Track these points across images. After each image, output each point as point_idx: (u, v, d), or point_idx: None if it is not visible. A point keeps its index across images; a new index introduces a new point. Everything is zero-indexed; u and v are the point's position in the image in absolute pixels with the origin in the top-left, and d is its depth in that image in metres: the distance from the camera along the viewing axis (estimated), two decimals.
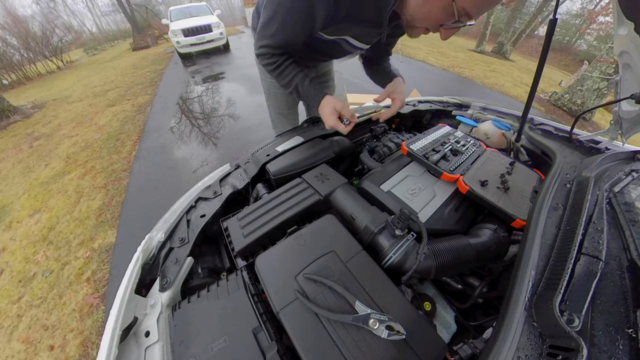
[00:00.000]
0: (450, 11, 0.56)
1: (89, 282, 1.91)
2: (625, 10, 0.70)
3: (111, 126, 4.25)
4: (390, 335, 0.46)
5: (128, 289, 0.60)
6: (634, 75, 0.81)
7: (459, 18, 0.58)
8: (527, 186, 0.85)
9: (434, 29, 0.65)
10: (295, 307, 0.52)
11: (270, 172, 0.91)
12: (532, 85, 0.95)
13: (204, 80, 5.93)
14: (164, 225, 0.79)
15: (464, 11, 0.56)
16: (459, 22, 0.59)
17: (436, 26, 0.63)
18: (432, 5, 0.58)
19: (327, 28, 0.82)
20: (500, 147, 1.17)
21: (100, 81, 7.16)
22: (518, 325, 0.46)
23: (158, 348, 0.55)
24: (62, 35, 11.92)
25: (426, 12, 0.60)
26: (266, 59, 0.90)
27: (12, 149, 4.03)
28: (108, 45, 16.26)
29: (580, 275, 0.49)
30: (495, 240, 0.71)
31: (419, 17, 0.64)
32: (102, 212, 2.51)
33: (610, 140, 0.97)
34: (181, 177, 2.87)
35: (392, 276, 0.58)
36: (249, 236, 0.70)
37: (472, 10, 0.56)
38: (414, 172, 0.92)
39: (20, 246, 2.28)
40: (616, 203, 0.65)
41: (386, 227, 0.67)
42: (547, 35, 0.86)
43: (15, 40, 9.94)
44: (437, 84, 5.59)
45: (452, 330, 0.69)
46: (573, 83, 5.27)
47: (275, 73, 0.92)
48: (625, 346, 0.40)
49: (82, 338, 1.61)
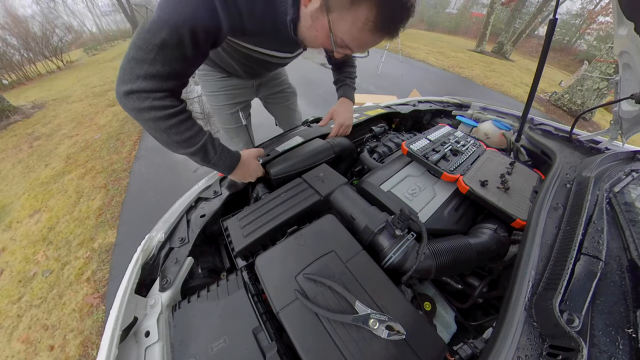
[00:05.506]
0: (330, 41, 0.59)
1: (89, 282, 1.91)
2: (625, 10, 0.70)
3: (111, 126, 4.24)
4: (390, 335, 0.46)
5: (128, 289, 0.60)
6: (634, 75, 0.81)
7: (338, 49, 0.61)
8: (527, 186, 0.85)
9: (327, 49, 0.67)
10: (295, 307, 0.52)
11: (270, 172, 0.91)
12: (532, 85, 0.95)
13: None
14: (164, 225, 0.79)
15: (342, 42, 0.59)
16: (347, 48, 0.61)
17: (327, 48, 0.64)
18: (317, 31, 0.59)
19: (239, 38, 0.73)
20: (500, 147, 1.17)
21: (100, 81, 7.16)
22: (518, 325, 0.46)
23: (158, 348, 0.55)
24: (62, 35, 11.90)
25: (313, 36, 0.62)
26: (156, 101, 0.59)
27: (12, 149, 4.03)
28: (108, 45, 16.25)
29: (580, 275, 0.49)
30: (495, 240, 0.71)
31: (308, 39, 0.65)
32: (102, 212, 2.51)
33: (610, 140, 0.97)
34: (181, 177, 2.87)
35: (392, 276, 0.58)
36: (249, 236, 0.70)
37: (350, 44, 0.59)
38: (414, 172, 0.92)
39: (20, 246, 2.28)
40: (616, 203, 0.65)
41: (386, 227, 0.67)
42: (547, 35, 0.86)
43: (15, 40, 9.92)
44: (437, 84, 5.60)
45: (452, 330, 0.69)
46: (573, 83, 5.28)
47: (170, 122, 0.62)
48: (625, 346, 0.40)
49: (82, 338, 1.61)
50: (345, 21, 0.55)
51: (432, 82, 5.64)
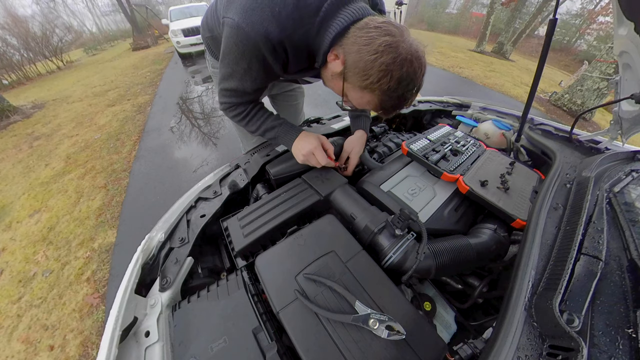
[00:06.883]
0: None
1: (89, 282, 1.91)
2: (625, 10, 0.70)
3: (111, 126, 4.24)
4: (390, 335, 0.46)
5: (128, 289, 0.60)
6: (634, 75, 0.81)
7: (345, 104, 0.75)
8: (527, 186, 0.85)
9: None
10: (295, 307, 0.52)
11: (271, 172, 0.91)
12: (532, 85, 0.95)
13: (204, 80, 5.92)
14: (164, 225, 0.80)
15: (348, 99, 0.71)
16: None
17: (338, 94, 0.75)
18: (334, 85, 0.72)
19: (283, 77, 0.84)
20: (500, 147, 1.17)
21: (100, 81, 7.16)
22: (518, 325, 0.46)
23: (158, 348, 0.55)
24: (62, 35, 11.91)
25: (331, 85, 0.75)
26: (232, 111, 0.87)
27: (12, 149, 4.03)
28: (108, 45, 16.25)
29: (580, 275, 0.49)
30: (495, 240, 0.71)
31: (327, 83, 0.78)
32: (102, 212, 2.51)
33: (610, 140, 0.97)
34: (181, 177, 2.87)
35: (392, 276, 0.58)
36: (249, 236, 0.70)
37: (355, 103, 0.70)
38: (414, 172, 0.92)
39: (20, 246, 2.28)
40: (616, 203, 0.65)
41: (386, 226, 0.67)
42: (547, 35, 0.86)
43: (15, 40, 9.93)
44: (437, 84, 5.59)
45: (452, 330, 0.69)
46: (573, 83, 5.28)
47: (244, 122, 0.89)
48: (625, 346, 0.40)
49: (82, 338, 1.61)
50: (355, 93, 0.67)
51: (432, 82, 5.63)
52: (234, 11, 0.65)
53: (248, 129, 0.90)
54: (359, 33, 0.59)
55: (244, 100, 0.85)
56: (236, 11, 0.65)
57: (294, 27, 0.64)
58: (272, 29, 0.63)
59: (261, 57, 0.68)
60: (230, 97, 0.84)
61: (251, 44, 0.66)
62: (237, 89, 0.80)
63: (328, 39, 0.64)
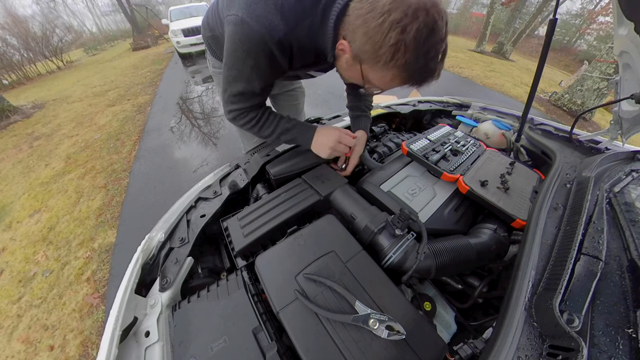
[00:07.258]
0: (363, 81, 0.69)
1: (89, 282, 1.91)
2: (625, 10, 0.70)
3: (111, 126, 4.24)
4: (390, 335, 0.46)
5: (128, 289, 0.60)
6: (634, 75, 0.81)
7: (368, 89, 0.71)
8: (527, 186, 0.85)
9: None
10: (295, 307, 0.52)
11: (271, 172, 0.91)
12: (532, 85, 0.95)
13: (204, 80, 5.92)
14: (164, 225, 0.79)
15: (371, 83, 0.67)
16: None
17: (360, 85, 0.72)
18: (352, 73, 0.69)
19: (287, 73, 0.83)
20: (500, 147, 1.17)
21: (100, 81, 7.16)
22: (518, 325, 0.46)
23: (158, 348, 0.55)
24: (62, 35, 11.91)
25: (348, 76, 0.73)
26: (242, 118, 0.85)
27: (12, 149, 4.03)
28: (108, 45, 16.25)
29: (580, 275, 0.49)
30: (495, 240, 0.71)
31: (345, 76, 0.77)
32: (102, 212, 2.51)
33: (610, 140, 0.97)
34: (181, 177, 2.87)
35: (392, 276, 0.58)
36: (249, 236, 0.70)
37: (377, 85, 0.67)
38: (414, 172, 0.92)
39: (20, 246, 2.28)
40: (616, 203, 0.65)
41: (386, 226, 0.67)
42: (547, 35, 0.86)
43: (15, 40, 9.93)
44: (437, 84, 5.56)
45: (452, 330, 0.69)
46: (573, 83, 5.27)
47: (256, 128, 0.87)
48: (625, 346, 0.40)
49: (82, 338, 1.61)
50: (376, 73, 0.62)
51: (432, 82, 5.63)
52: (237, 7, 0.65)
53: (261, 134, 0.89)
54: (360, 4, 0.56)
55: (253, 103, 0.83)
56: (239, 7, 0.64)
57: (297, 20, 0.64)
58: (276, 21, 0.63)
59: (268, 51, 0.67)
60: (239, 102, 0.81)
61: (257, 38, 0.64)
62: (245, 91, 0.78)
63: (332, 21, 0.63)
